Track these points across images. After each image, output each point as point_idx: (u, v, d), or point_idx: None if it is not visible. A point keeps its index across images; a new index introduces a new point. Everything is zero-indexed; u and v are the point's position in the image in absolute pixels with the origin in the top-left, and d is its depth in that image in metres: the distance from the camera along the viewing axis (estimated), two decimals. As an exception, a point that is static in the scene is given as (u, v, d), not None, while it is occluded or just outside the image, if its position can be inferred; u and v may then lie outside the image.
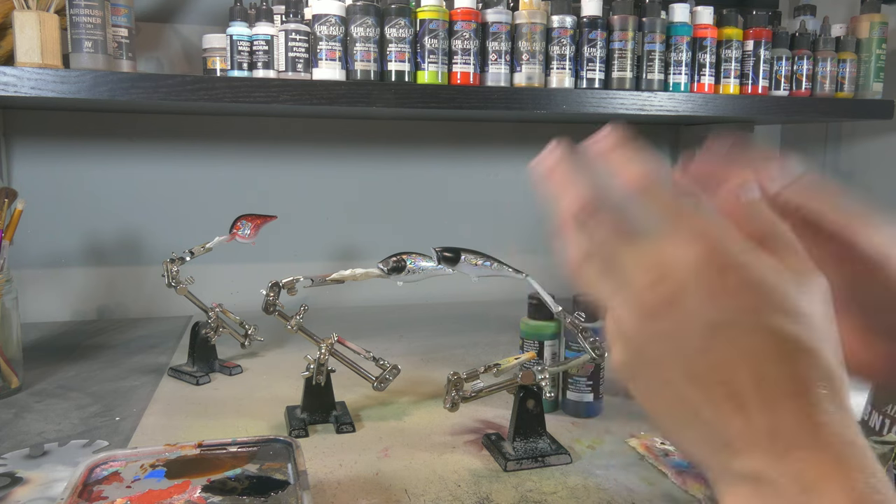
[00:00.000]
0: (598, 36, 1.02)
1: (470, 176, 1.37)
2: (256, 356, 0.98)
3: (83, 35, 0.86)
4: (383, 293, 1.31)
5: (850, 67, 1.17)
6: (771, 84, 1.14)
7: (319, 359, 0.73)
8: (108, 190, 1.20)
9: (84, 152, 1.18)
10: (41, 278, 1.18)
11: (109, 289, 1.22)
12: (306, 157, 1.28)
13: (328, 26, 0.93)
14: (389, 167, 1.33)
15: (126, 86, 0.87)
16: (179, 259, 0.88)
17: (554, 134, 1.28)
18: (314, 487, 0.59)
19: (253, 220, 0.91)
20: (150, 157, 1.21)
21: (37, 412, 0.77)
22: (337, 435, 0.72)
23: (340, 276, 0.71)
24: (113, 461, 0.59)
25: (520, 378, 0.66)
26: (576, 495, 0.60)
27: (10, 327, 0.82)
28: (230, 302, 0.99)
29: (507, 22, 0.99)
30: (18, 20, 0.83)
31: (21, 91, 0.83)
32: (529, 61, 1.00)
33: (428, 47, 0.97)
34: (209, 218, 1.21)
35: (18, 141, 1.15)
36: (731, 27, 1.10)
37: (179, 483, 0.56)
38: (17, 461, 0.65)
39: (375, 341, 1.05)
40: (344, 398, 0.78)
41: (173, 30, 1.18)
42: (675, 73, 1.07)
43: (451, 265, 0.66)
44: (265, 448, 0.62)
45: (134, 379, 0.89)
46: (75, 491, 0.54)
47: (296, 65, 0.93)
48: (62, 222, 1.18)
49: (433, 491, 0.60)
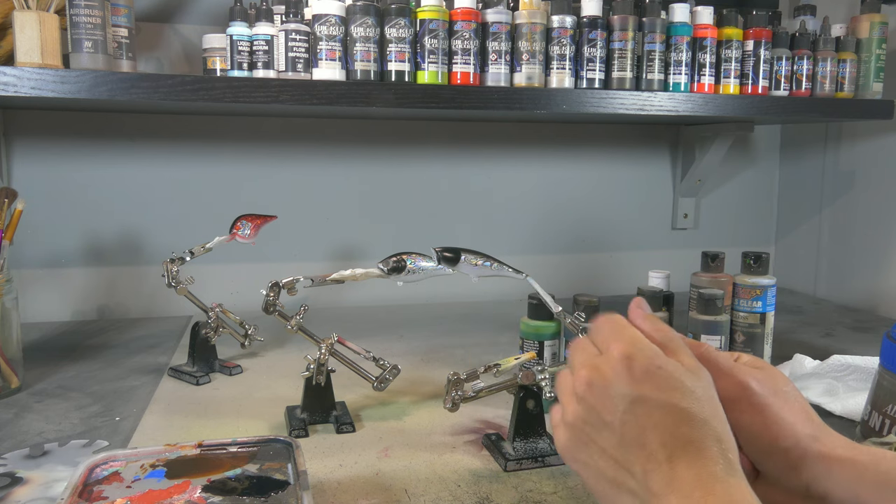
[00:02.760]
0: (598, 36, 1.02)
1: (470, 176, 1.37)
2: (256, 356, 0.98)
3: (83, 35, 0.86)
4: (383, 293, 1.31)
5: (850, 67, 1.17)
6: (771, 84, 1.14)
7: (319, 359, 0.73)
8: (108, 190, 1.20)
9: (84, 152, 1.18)
10: (41, 278, 1.18)
11: (109, 289, 1.22)
12: (306, 157, 1.29)
13: (328, 26, 0.93)
14: (389, 167, 1.33)
15: (126, 86, 0.87)
16: (179, 259, 0.88)
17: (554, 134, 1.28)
18: (314, 487, 0.59)
19: (253, 220, 0.91)
20: (150, 157, 1.21)
21: (37, 412, 0.77)
22: (337, 435, 0.72)
23: (340, 276, 0.71)
24: (113, 461, 0.59)
25: (520, 378, 0.66)
26: (575, 495, 0.60)
27: (10, 327, 0.82)
28: (230, 302, 1.00)
29: (507, 22, 0.99)
30: (18, 20, 0.83)
31: (21, 91, 0.83)
32: (529, 61, 1.00)
33: (428, 47, 0.97)
34: (209, 218, 1.21)
35: (18, 141, 1.15)
36: (731, 27, 1.10)
37: (179, 483, 0.56)
38: (17, 461, 0.65)
39: (375, 341, 1.05)
40: (344, 398, 0.78)
41: (173, 30, 1.18)
42: (675, 73, 1.07)
43: (451, 265, 0.66)
44: (265, 448, 0.62)
45: (134, 379, 0.89)
46: (75, 491, 0.54)
47: (296, 65, 0.93)
48: (62, 222, 1.18)
49: (433, 491, 0.60)
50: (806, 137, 1.49)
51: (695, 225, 1.51)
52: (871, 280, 1.33)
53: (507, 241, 1.40)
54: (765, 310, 0.87)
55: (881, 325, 1.21)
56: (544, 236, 1.43)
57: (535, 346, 0.78)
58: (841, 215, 1.40)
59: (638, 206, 1.48)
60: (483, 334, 1.11)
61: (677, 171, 1.48)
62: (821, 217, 1.45)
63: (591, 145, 1.43)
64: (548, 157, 1.40)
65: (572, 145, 1.42)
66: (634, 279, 1.15)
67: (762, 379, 0.50)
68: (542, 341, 0.78)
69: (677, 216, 1.49)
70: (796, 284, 1.51)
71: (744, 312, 0.88)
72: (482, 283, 0.69)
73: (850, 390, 0.78)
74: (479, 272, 0.68)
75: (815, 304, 1.39)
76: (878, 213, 1.31)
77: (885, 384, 0.64)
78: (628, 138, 1.45)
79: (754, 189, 1.56)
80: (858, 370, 0.80)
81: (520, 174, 1.40)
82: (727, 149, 1.38)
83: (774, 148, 1.56)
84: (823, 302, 1.41)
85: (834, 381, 0.80)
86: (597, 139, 1.43)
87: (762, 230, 1.57)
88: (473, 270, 0.68)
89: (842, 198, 1.40)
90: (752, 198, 1.56)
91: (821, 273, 1.45)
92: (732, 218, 1.54)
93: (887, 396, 0.64)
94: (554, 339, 0.78)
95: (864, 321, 1.24)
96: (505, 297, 1.36)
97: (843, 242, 1.40)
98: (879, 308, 1.31)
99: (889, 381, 0.64)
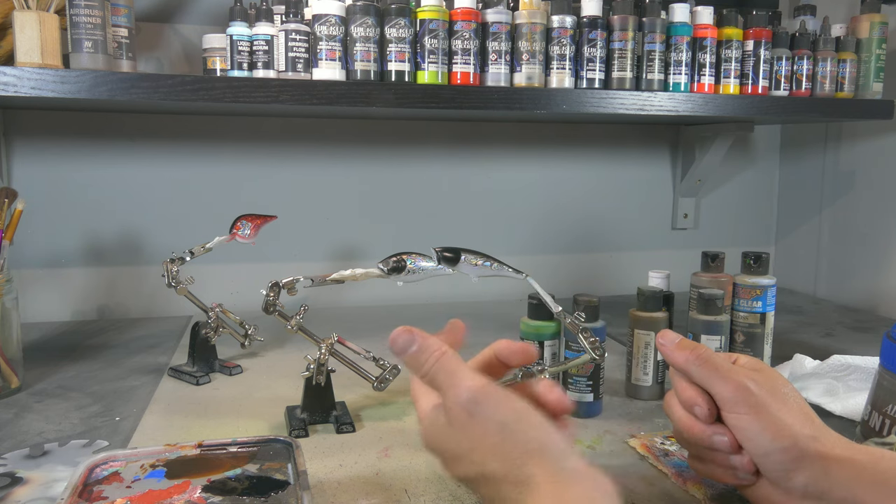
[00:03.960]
0: (598, 36, 1.02)
1: (470, 176, 1.37)
2: (256, 356, 0.98)
3: (83, 35, 0.86)
4: (383, 293, 1.31)
5: (850, 67, 1.17)
6: (771, 84, 1.14)
7: (319, 359, 0.73)
8: (108, 190, 1.20)
9: (84, 152, 1.18)
10: (41, 278, 1.18)
11: (109, 289, 1.22)
12: (306, 157, 1.29)
13: (328, 26, 0.93)
14: (389, 167, 1.33)
15: (126, 86, 0.87)
16: (179, 259, 0.88)
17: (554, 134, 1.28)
18: (314, 487, 0.59)
19: (253, 220, 0.91)
20: (150, 157, 1.21)
21: (37, 412, 0.77)
22: (337, 435, 0.72)
23: (340, 276, 0.71)
24: (113, 461, 0.59)
25: (520, 378, 0.66)
26: (576, 495, 0.60)
27: (10, 327, 0.82)
28: (230, 302, 1.00)
29: (507, 22, 0.99)
30: (18, 20, 0.83)
31: (21, 91, 0.83)
32: (529, 61, 1.00)
33: (428, 47, 0.97)
34: (209, 218, 1.21)
35: (18, 141, 1.15)
36: (731, 27, 1.10)
37: (179, 483, 0.56)
38: (17, 461, 0.65)
39: (375, 341, 1.05)
40: (344, 398, 0.78)
41: (173, 30, 1.18)
42: (675, 73, 1.07)
43: (451, 265, 0.66)
44: (265, 448, 0.62)
45: (134, 379, 0.89)
46: (75, 491, 0.54)
47: (296, 65, 0.93)
48: (62, 222, 1.18)
49: (433, 491, 0.60)
50: (806, 137, 1.49)
51: (695, 225, 1.51)
52: (871, 280, 1.33)
53: (507, 241, 1.40)
54: (765, 310, 0.87)
55: (881, 325, 1.21)
56: (544, 236, 1.43)
57: (535, 346, 0.78)
58: (841, 215, 1.40)
59: (638, 206, 1.48)
60: (483, 334, 1.11)
61: (677, 171, 1.48)
62: (821, 217, 1.45)
63: (591, 145, 1.43)
64: (548, 157, 1.40)
65: (572, 145, 1.42)
66: (634, 279, 1.15)
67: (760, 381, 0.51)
68: (542, 341, 0.78)
69: (677, 216, 1.49)
70: (796, 284, 1.51)
71: (744, 312, 0.88)
72: (482, 283, 0.69)
73: (850, 390, 0.78)
74: (479, 272, 0.68)
75: (815, 304, 1.39)
76: (878, 213, 1.31)
77: (885, 384, 0.64)
78: (628, 138, 1.45)
79: (754, 189, 1.56)
80: (858, 370, 0.80)
81: (520, 174, 1.40)
82: (727, 149, 1.38)
83: (774, 148, 1.56)
84: (823, 302, 1.41)
85: (834, 381, 0.80)
86: (597, 139, 1.43)
87: (762, 230, 1.57)
88: (473, 270, 0.67)
89: (842, 198, 1.40)
90: (752, 198, 1.56)
91: (821, 273, 1.45)
92: (732, 218, 1.54)
93: (887, 396, 0.64)
94: (554, 340, 0.78)
95: (864, 321, 1.24)
96: (505, 297, 1.36)
97: (843, 242, 1.40)
98: (879, 308, 1.31)
99: (889, 381, 0.64)
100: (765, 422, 0.49)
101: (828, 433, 0.49)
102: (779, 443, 0.48)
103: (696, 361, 0.53)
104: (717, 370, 0.52)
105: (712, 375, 0.52)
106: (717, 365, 0.52)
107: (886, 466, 0.46)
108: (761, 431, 0.49)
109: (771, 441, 0.49)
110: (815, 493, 0.47)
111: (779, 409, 0.49)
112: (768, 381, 0.51)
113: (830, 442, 0.48)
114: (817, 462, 0.47)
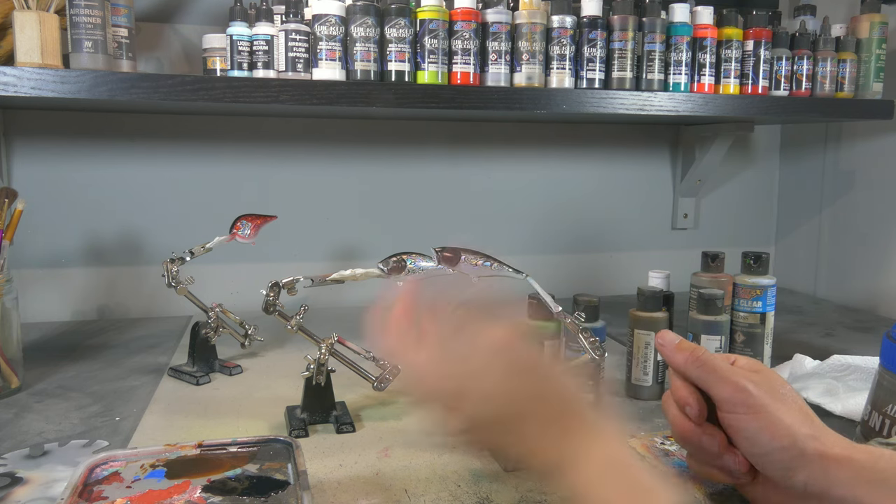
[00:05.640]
0: (598, 36, 1.02)
1: (470, 176, 1.37)
2: (256, 356, 0.98)
3: (83, 35, 0.86)
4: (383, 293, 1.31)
5: (850, 67, 1.17)
6: (771, 84, 1.14)
7: (319, 359, 0.73)
8: (108, 190, 1.20)
9: (84, 152, 1.18)
10: (41, 278, 1.18)
11: (109, 289, 1.22)
12: (306, 157, 1.28)
13: (328, 26, 0.93)
14: (389, 167, 1.33)
15: (126, 86, 0.87)
16: (179, 259, 0.88)
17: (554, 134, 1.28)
18: (314, 487, 0.59)
19: (253, 220, 0.91)
20: (150, 157, 1.21)
21: (37, 412, 0.77)
22: (337, 435, 0.72)
23: (340, 276, 0.71)
24: (113, 461, 0.59)
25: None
26: (576, 495, 0.60)
27: (10, 327, 0.82)
28: (230, 302, 0.99)
29: (507, 22, 0.99)
30: (18, 20, 0.83)
31: (21, 91, 0.83)
32: (529, 61, 1.00)
33: (428, 47, 0.96)
34: (209, 218, 1.21)
35: (18, 141, 1.15)
36: (731, 27, 1.10)
37: (179, 483, 0.56)
38: (17, 461, 0.65)
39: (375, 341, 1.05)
40: (344, 398, 0.78)
41: (173, 30, 1.18)
42: (675, 73, 1.07)
43: (451, 265, 0.66)
44: (265, 448, 0.62)
45: (134, 379, 0.89)
46: (75, 491, 0.54)
47: (296, 65, 0.93)
48: (62, 222, 1.18)
49: (433, 491, 0.60)
50: (806, 137, 1.49)
51: (695, 225, 1.51)
52: (871, 280, 1.33)
53: (507, 241, 1.40)
54: (765, 310, 0.87)
55: (881, 325, 1.21)
56: (544, 236, 1.43)
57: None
58: (841, 215, 1.40)
59: (638, 206, 1.48)
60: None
61: (677, 171, 1.48)
62: (821, 217, 1.45)
63: (591, 145, 1.43)
64: (548, 157, 1.40)
65: (572, 145, 1.42)
66: (634, 279, 1.15)
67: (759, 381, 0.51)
68: (542, 341, 0.78)
69: (677, 216, 1.49)
70: (796, 284, 1.51)
71: (744, 312, 0.88)
72: (482, 283, 0.69)
73: (850, 390, 0.78)
74: (479, 272, 0.68)
75: (815, 304, 1.39)
76: (878, 213, 1.31)
77: (885, 384, 0.64)
78: (628, 138, 1.45)
79: (754, 189, 1.55)
80: (858, 370, 0.80)
81: (520, 174, 1.40)
82: (727, 149, 1.38)
83: (774, 148, 1.56)
84: (823, 302, 1.40)
85: (834, 381, 0.80)
86: (597, 139, 1.43)
87: (762, 230, 1.57)
88: (473, 270, 0.68)
89: (842, 198, 1.40)
90: (752, 198, 1.56)
91: (821, 273, 1.45)
92: (732, 218, 1.54)
93: (887, 396, 0.63)
94: (554, 339, 0.78)
95: (864, 321, 1.24)
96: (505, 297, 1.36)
97: (843, 242, 1.40)
98: (879, 308, 1.31)
99: (889, 381, 0.63)
100: (764, 422, 0.49)
101: (827, 433, 0.49)
102: (778, 442, 0.48)
103: (695, 363, 0.54)
104: (716, 371, 0.52)
105: (711, 377, 0.52)
106: (716, 366, 0.52)
107: (885, 466, 0.46)
108: (760, 431, 0.49)
109: (770, 441, 0.49)
110: (815, 492, 0.47)
111: (778, 409, 0.49)
112: (767, 382, 0.51)
113: (830, 441, 0.48)
114: (816, 461, 0.47)
